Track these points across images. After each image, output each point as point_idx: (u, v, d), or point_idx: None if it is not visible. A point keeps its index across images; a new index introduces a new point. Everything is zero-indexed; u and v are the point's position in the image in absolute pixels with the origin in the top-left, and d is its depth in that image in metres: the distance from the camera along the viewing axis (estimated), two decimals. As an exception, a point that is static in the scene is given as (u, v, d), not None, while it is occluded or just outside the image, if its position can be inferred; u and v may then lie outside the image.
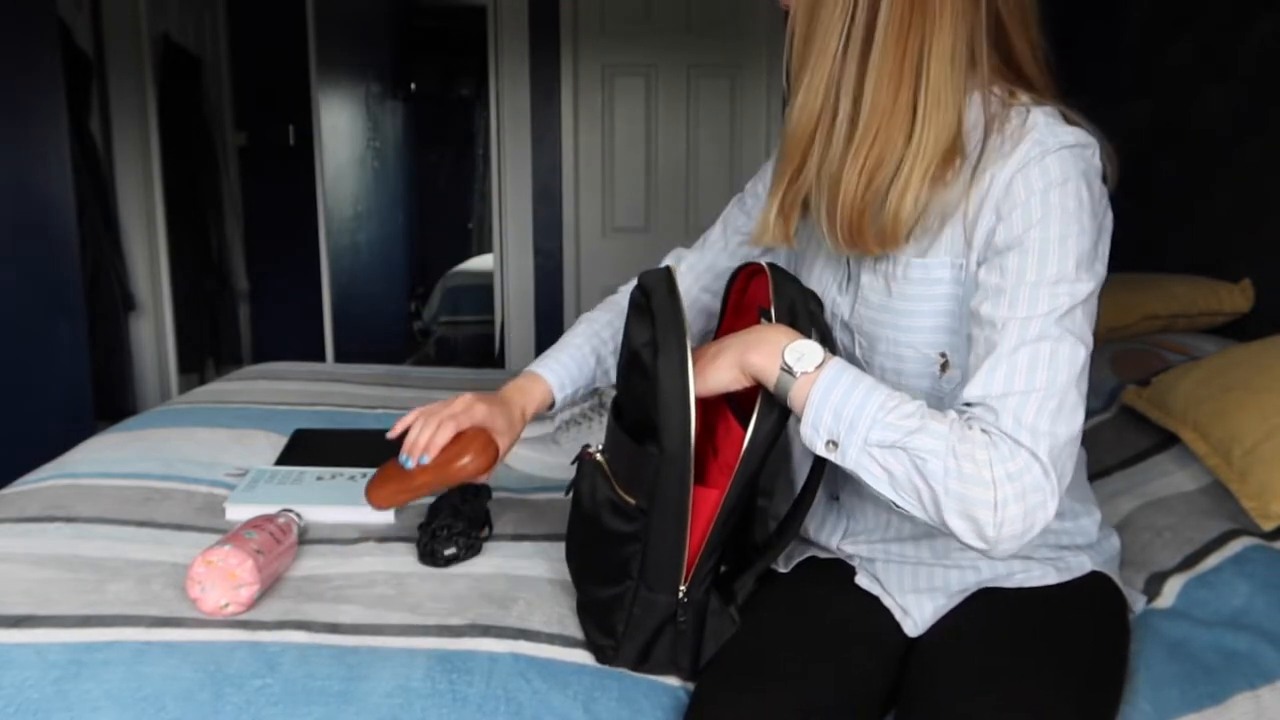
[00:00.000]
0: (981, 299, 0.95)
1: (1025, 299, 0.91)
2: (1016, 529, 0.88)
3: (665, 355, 0.98)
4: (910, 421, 0.90)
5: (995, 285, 0.93)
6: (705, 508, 1.01)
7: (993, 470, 0.87)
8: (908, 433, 0.90)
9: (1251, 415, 1.35)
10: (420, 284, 6.59)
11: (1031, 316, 0.91)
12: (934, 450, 0.89)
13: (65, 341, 2.98)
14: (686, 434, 0.97)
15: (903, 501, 0.92)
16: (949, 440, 0.89)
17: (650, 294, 1.03)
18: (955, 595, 1.09)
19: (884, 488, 0.92)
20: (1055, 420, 0.89)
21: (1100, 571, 1.11)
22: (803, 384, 0.94)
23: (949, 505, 0.88)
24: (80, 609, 1.13)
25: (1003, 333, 0.91)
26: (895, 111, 0.96)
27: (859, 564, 1.16)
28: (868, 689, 1.02)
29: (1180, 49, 2.24)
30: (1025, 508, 0.87)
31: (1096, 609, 1.08)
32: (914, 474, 0.90)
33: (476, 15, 4.87)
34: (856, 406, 0.92)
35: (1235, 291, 1.99)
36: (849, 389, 0.93)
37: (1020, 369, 0.90)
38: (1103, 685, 0.99)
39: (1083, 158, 0.94)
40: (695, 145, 3.94)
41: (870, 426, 0.91)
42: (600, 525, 1.07)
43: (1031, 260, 0.92)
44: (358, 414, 1.94)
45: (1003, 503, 0.87)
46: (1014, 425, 0.89)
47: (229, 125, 4.40)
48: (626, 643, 1.06)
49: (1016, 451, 0.88)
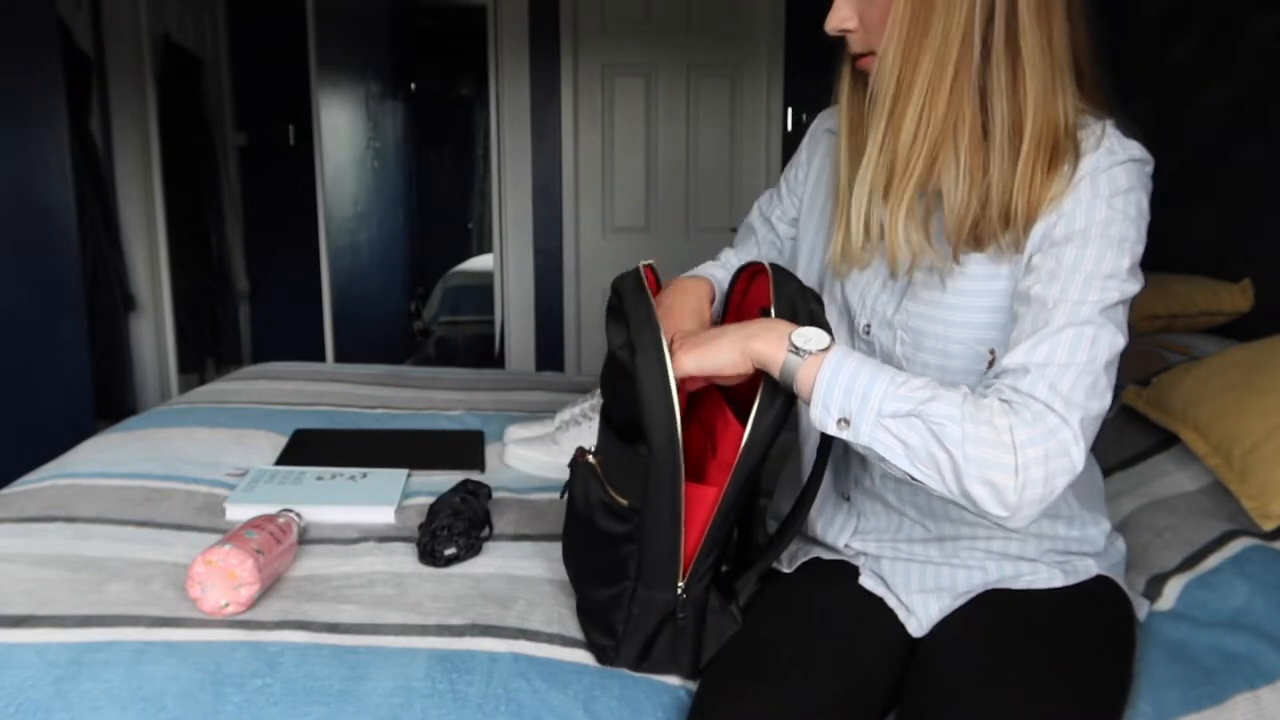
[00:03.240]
0: (1034, 281, 0.96)
1: (1079, 286, 0.93)
2: (1037, 493, 0.88)
3: (642, 354, 0.98)
4: (923, 392, 0.91)
5: (1050, 270, 0.95)
6: (703, 505, 1.02)
7: (1013, 435, 0.88)
8: (921, 402, 0.90)
9: (1252, 415, 1.35)
10: (420, 284, 6.59)
11: (1083, 302, 0.93)
12: (950, 415, 0.89)
13: (65, 341, 2.98)
14: (672, 429, 0.97)
15: (920, 474, 0.91)
16: (964, 407, 0.89)
17: (622, 296, 1.03)
18: (961, 596, 1.09)
19: (900, 461, 0.91)
20: (1089, 396, 0.91)
21: (1106, 576, 1.11)
22: (810, 365, 0.94)
23: (969, 471, 0.88)
24: (80, 609, 1.13)
25: (1053, 312, 0.93)
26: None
27: (864, 563, 1.16)
28: (870, 689, 1.02)
29: (1180, 49, 2.24)
30: (1047, 471, 0.88)
31: (1102, 614, 1.08)
32: (931, 442, 0.89)
33: (476, 15, 4.87)
34: (867, 382, 0.92)
35: (1235, 291, 1.99)
36: (857, 367, 0.93)
37: (1064, 345, 0.92)
38: (1106, 690, 0.99)
39: (1144, 172, 0.99)
40: (695, 145, 3.94)
41: (883, 399, 0.91)
42: (595, 527, 1.07)
43: (1090, 254, 0.94)
44: (358, 414, 1.94)
45: (1024, 465, 0.87)
46: (1048, 393, 0.90)
47: (229, 125, 4.40)
48: (627, 642, 1.06)
49: (1044, 415, 0.89)
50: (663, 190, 3.96)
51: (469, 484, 1.42)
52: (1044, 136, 0.96)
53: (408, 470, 1.58)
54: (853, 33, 1.03)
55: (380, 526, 1.40)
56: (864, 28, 1.01)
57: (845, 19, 1.02)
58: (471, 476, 1.51)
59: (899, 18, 0.96)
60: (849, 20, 1.02)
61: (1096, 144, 0.97)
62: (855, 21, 1.01)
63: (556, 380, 2.34)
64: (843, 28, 1.02)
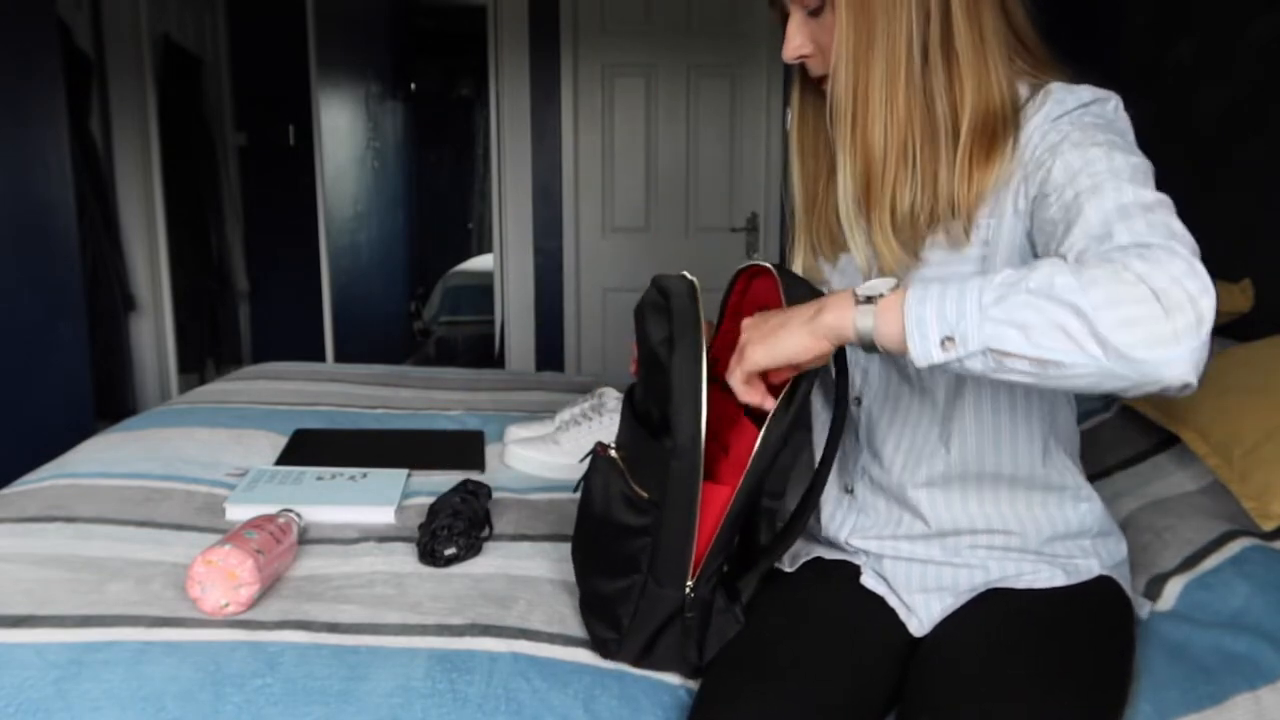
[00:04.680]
0: (1058, 195, 0.92)
1: (1107, 176, 0.88)
2: (1189, 316, 0.75)
3: (680, 350, 0.99)
4: (1014, 275, 0.81)
5: (1068, 175, 0.91)
6: (715, 504, 1.02)
7: (1131, 270, 0.77)
8: (1020, 278, 0.80)
9: (1252, 415, 1.35)
10: (420, 284, 6.59)
11: (1121, 184, 0.87)
12: (1056, 270, 0.79)
13: (65, 341, 2.98)
14: (697, 428, 0.97)
15: (1053, 353, 0.77)
16: (1067, 265, 0.80)
17: (670, 296, 1.04)
18: (963, 595, 1.09)
19: (1024, 348, 0.78)
20: (1184, 240, 0.81)
21: (1108, 576, 1.11)
22: (888, 305, 0.85)
23: (1103, 318, 0.75)
24: (80, 609, 1.13)
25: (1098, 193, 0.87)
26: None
27: (865, 563, 1.16)
28: (871, 689, 1.02)
29: (1180, 49, 2.24)
30: (1186, 291, 0.75)
31: (1103, 614, 1.08)
32: (1049, 306, 0.77)
33: (476, 15, 4.86)
34: (956, 296, 0.82)
35: (1235, 291, 1.99)
36: (940, 290, 0.83)
37: (1129, 197, 0.85)
38: (1106, 690, 0.99)
39: (1104, 107, 0.98)
40: (695, 145, 3.94)
41: (980, 297, 0.80)
42: (612, 518, 1.07)
43: (1091, 148, 0.92)
44: (358, 414, 1.94)
45: (1160, 291, 0.75)
46: (1142, 233, 0.81)
47: (229, 125, 4.40)
48: (631, 637, 1.06)
49: (1149, 249, 0.78)
50: (663, 190, 3.96)
51: (469, 484, 1.42)
52: (982, 126, 1.00)
53: (408, 470, 1.58)
54: (810, 58, 1.07)
55: (380, 526, 1.40)
56: (819, 52, 1.05)
57: (799, 47, 1.06)
58: (471, 476, 1.51)
59: (843, 35, 1.00)
60: (804, 47, 1.06)
61: (1040, 105, 0.99)
62: (811, 47, 1.06)
63: (556, 380, 2.34)
64: (800, 55, 1.06)
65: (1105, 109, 0.99)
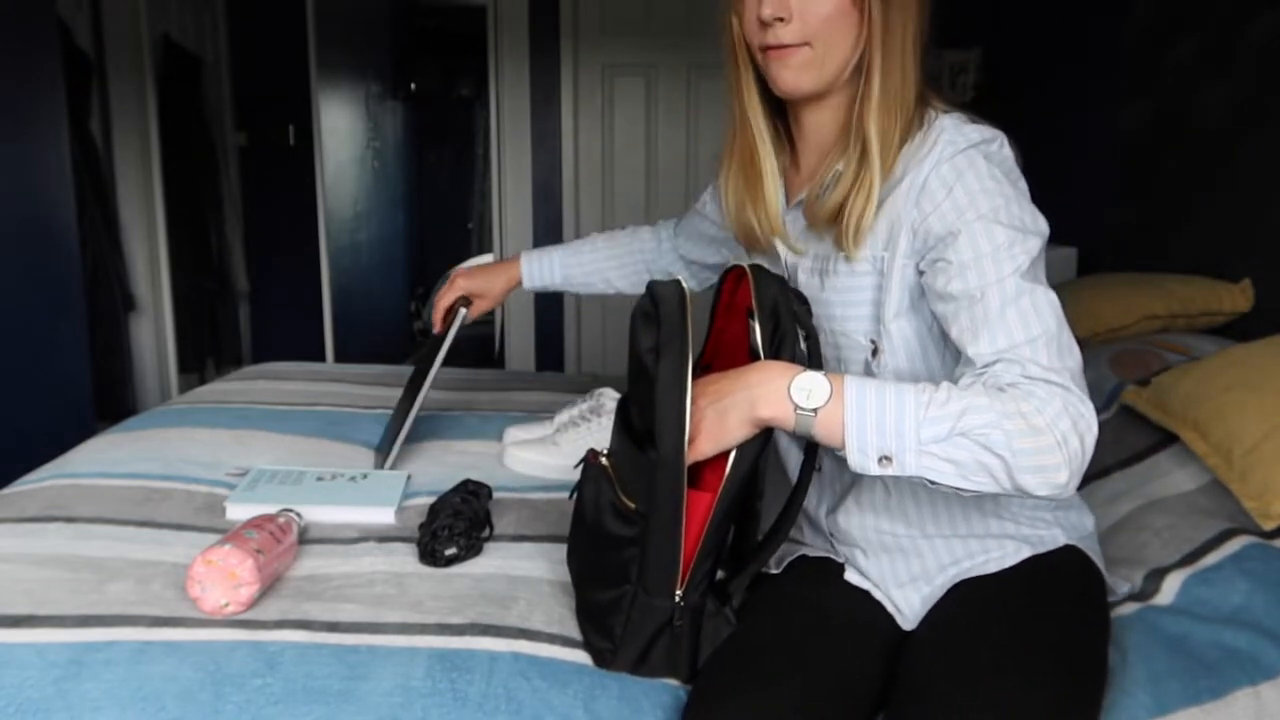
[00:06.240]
0: (947, 280, 1.00)
1: (991, 266, 0.98)
2: (1079, 461, 0.92)
3: (665, 360, 0.99)
4: (952, 406, 0.92)
5: (958, 263, 1.00)
6: (698, 511, 1.02)
7: (1042, 416, 0.90)
8: (956, 416, 0.91)
9: (1251, 415, 1.35)
10: (420, 284, 6.58)
11: (1003, 278, 0.97)
12: (988, 422, 0.90)
13: (65, 341, 2.98)
14: (680, 440, 0.98)
15: (974, 485, 0.93)
16: (994, 408, 0.91)
17: (660, 303, 1.04)
18: (939, 585, 1.12)
19: (953, 479, 0.93)
20: (1064, 356, 0.95)
21: (1074, 546, 1.13)
22: (828, 417, 0.95)
23: (1020, 465, 0.90)
24: (80, 609, 1.13)
25: (984, 300, 0.97)
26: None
27: (846, 558, 1.18)
28: (861, 685, 1.03)
29: (1180, 49, 2.24)
30: (1079, 436, 0.91)
31: (1072, 589, 1.11)
32: (979, 453, 0.91)
33: (476, 15, 4.86)
34: (895, 416, 0.92)
35: (1235, 291, 1.99)
36: (879, 402, 0.93)
37: (1015, 324, 0.96)
38: (1083, 666, 1.01)
39: (990, 150, 1.04)
40: (695, 145, 3.94)
41: (918, 427, 0.92)
42: (602, 529, 1.07)
43: (980, 236, 0.99)
44: (358, 414, 1.94)
45: (1063, 440, 0.90)
46: (1038, 369, 0.94)
47: (229, 125, 4.40)
48: (625, 646, 1.06)
49: (1051, 391, 0.92)
50: (663, 190, 3.96)
51: (469, 484, 1.42)
52: (882, 149, 1.05)
53: (408, 472, 1.58)
54: (785, 22, 1.06)
55: (380, 527, 1.40)
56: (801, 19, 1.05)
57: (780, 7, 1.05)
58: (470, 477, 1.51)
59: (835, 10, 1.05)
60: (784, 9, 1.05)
61: (933, 144, 1.04)
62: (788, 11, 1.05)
63: (556, 380, 2.34)
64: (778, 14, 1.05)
65: (992, 149, 1.04)
